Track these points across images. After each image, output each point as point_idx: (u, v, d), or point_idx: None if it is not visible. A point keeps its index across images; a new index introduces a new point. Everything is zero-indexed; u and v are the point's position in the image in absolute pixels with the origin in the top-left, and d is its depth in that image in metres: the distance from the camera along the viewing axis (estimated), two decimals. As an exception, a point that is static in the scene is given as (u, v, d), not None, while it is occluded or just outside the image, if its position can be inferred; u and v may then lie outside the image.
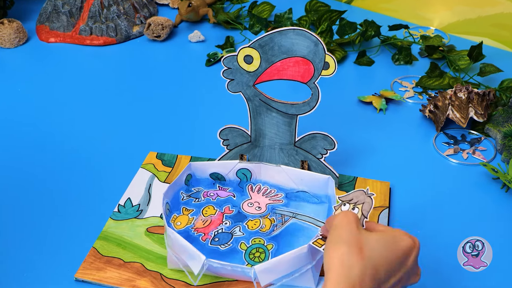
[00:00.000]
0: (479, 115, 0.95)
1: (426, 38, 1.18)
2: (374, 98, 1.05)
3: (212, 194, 0.79)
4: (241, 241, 0.72)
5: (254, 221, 0.75)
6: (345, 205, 0.63)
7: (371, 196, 0.62)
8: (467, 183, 0.87)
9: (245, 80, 0.77)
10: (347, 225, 0.56)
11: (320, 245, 0.62)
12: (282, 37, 0.74)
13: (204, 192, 0.79)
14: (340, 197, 0.64)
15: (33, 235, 0.77)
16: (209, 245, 0.71)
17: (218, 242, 0.72)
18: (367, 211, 0.62)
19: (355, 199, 0.63)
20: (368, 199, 0.62)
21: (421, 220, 0.80)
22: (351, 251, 0.53)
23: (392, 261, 0.54)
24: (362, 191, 0.63)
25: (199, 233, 0.73)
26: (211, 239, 0.72)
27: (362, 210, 0.62)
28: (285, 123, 0.80)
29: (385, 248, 0.55)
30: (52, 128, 0.99)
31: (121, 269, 0.71)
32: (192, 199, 0.78)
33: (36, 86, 1.11)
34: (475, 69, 1.11)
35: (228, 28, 1.29)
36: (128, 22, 1.26)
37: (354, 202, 0.63)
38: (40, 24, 1.27)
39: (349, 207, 0.63)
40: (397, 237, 0.56)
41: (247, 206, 0.77)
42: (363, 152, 0.92)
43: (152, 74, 1.15)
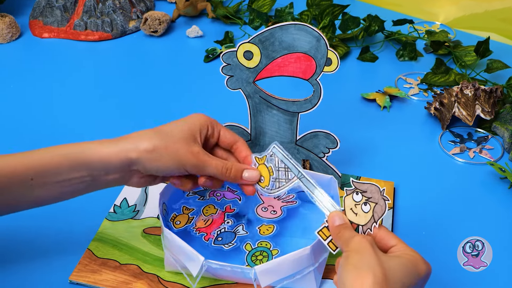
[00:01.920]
0: (486, 112, 0.95)
1: (432, 33, 1.18)
2: (377, 95, 1.05)
3: (219, 194, 0.79)
4: (247, 241, 0.72)
5: (267, 226, 0.75)
6: (358, 194, 0.61)
7: (386, 200, 0.60)
8: (473, 183, 0.87)
9: (244, 76, 0.77)
10: (369, 249, 0.56)
11: (325, 237, 0.62)
12: (283, 32, 0.74)
13: (211, 192, 0.79)
14: (354, 181, 0.62)
15: (26, 237, 0.77)
16: (213, 244, 0.71)
17: (221, 241, 0.72)
18: (378, 216, 0.60)
19: (369, 194, 0.61)
20: (382, 201, 0.60)
21: (426, 221, 0.80)
22: (377, 282, 0.53)
23: (411, 287, 0.56)
24: (378, 188, 0.61)
25: (201, 233, 0.73)
26: (214, 238, 0.72)
27: (373, 212, 0.60)
28: (286, 121, 0.80)
29: (407, 275, 0.56)
30: (45, 125, 0.99)
31: (117, 271, 0.71)
32: (197, 196, 0.78)
33: (29, 83, 1.11)
34: (482, 65, 1.11)
35: (227, 23, 1.29)
36: (124, 17, 1.26)
37: (367, 196, 0.61)
38: (34, 19, 1.27)
39: (361, 199, 0.61)
40: (417, 264, 0.57)
41: (261, 211, 0.77)
42: (367, 151, 0.92)
43: (149, 70, 1.15)
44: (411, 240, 0.76)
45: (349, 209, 0.62)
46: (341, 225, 0.61)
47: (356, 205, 0.62)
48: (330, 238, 0.62)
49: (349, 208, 0.62)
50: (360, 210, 0.61)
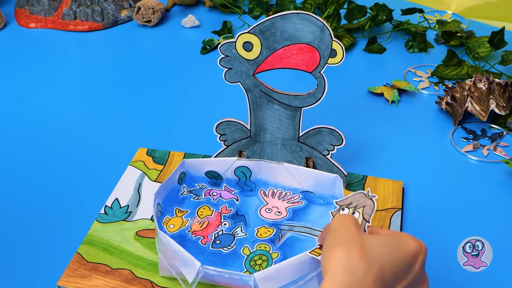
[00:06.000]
0: (500, 107, 0.95)
1: (443, 23, 1.18)
2: (385, 89, 1.05)
3: (215, 194, 0.79)
4: (245, 244, 0.72)
5: (267, 229, 0.75)
6: (344, 210, 0.63)
7: (373, 198, 0.61)
8: (487, 182, 0.87)
9: (244, 69, 0.77)
10: (346, 227, 0.56)
11: (318, 254, 0.62)
12: (285, 22, 0.74)
13: (207, 191, 0.79)
14: (337, 201, 0.64)
15: (11, 239, 0.77)
16: (211, 248, 0.71)
17: (220, 244, 0.72)
18: (368, 215, 0.61)
19: (355, 203, 0.62)
20: (369, 201, 0.61)
21: (436, 222, 0.80)
22: (351, 253, 0.52)
23: (397, 264, 0.54)
24: (362, 193, 0.62)
25: (197, 236, 0.73)
26: (212, 242, 0.72)
27: (363, 214, 0.61)
28: (288, 116, 0.80)
29: (390, 251, 0.54)
30: (31, 121, 0.99)
31: (108, 276, 0.71)
32: (191, 195, 0.78)
33: (14, 76, 1.10)
34: (496, 57, 1.11)
35: (226, 12, 1.29)
36: (115, 6, 1.26)
37: (353, 206, 0.62)
38: (19, 8, 1.27)
39: (348, 212, 0.62)
40: (402, 240, 0.56)
41: (266, 212, 0.77)
42: (374, 149, 0.92)
43: (142, 62, 1.15)
44: (421, 243, 0.76)
45: None
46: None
47: None
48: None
49: None
50: None
